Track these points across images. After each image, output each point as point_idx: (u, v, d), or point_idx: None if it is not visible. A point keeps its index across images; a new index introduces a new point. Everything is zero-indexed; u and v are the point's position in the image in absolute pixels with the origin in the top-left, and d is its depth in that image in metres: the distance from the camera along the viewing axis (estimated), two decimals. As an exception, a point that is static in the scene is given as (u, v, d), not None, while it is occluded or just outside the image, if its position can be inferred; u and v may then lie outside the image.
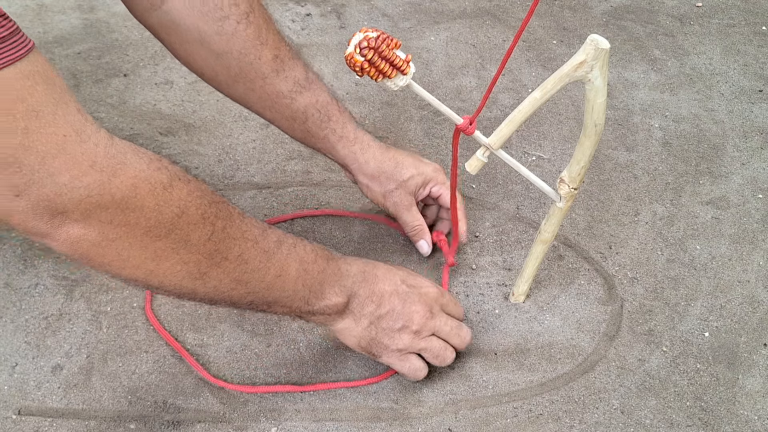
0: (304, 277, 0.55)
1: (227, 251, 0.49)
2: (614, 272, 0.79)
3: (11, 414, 0.63)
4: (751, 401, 0.69)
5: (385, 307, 0.59)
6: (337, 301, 0.57)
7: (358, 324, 0.59)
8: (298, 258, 0.54)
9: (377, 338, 0.60)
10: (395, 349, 0.61)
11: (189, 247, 0.47)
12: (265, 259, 0.51)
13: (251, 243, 0.50)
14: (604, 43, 0.50)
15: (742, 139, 0.98)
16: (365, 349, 0.61)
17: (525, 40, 1.12)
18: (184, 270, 0.47)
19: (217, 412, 0.65)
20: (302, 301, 0.55)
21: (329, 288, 0.57)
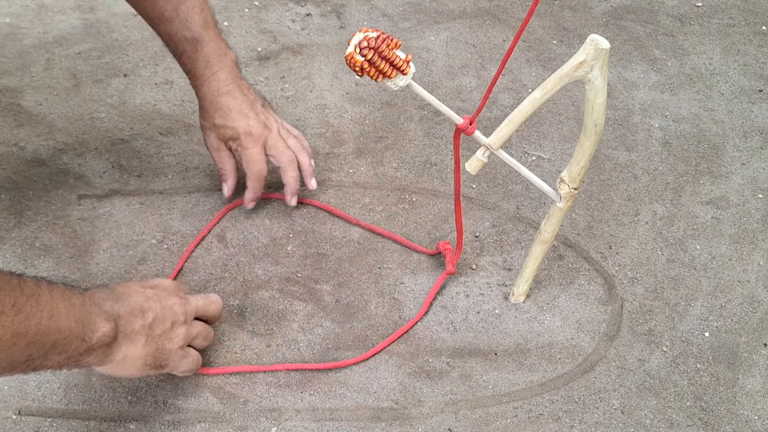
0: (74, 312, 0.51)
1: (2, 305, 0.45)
2: (614, 272, 0.79)
3: (11, 414, 0.63)
4: (751, 401, 0.69)
5: (148, 314, 0.57)
6: (108, 328, 0.53)
7: (136, 343, 0.56)
8: (60, 294, 0.51)
9: (159, 346, 0.58)
10: (177, 348, 0.59)
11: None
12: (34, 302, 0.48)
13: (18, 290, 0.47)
14: (604, 43, 0.50)
15: (742, 139, 0.98)
16: (153, 365, 0.58)
17: (525, 40, 1.12)
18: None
19: (217, 412, 0.65)
20: (78, 339, 0.51)
21: (97, 317, 0.53)
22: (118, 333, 0.55)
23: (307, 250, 0.79)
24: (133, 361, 0.56)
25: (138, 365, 0.57)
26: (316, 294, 0.75)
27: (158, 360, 0.58)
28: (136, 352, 0.56)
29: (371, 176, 0.88)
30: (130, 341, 0.56)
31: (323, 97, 0.98)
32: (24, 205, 0.79)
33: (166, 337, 0.59)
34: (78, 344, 0.51)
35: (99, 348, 0.53)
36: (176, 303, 0.60)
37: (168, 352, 0.59)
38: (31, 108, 0.91)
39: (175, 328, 0.59)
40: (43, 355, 0.49)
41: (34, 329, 0.47)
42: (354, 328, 0.72)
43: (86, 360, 0.53)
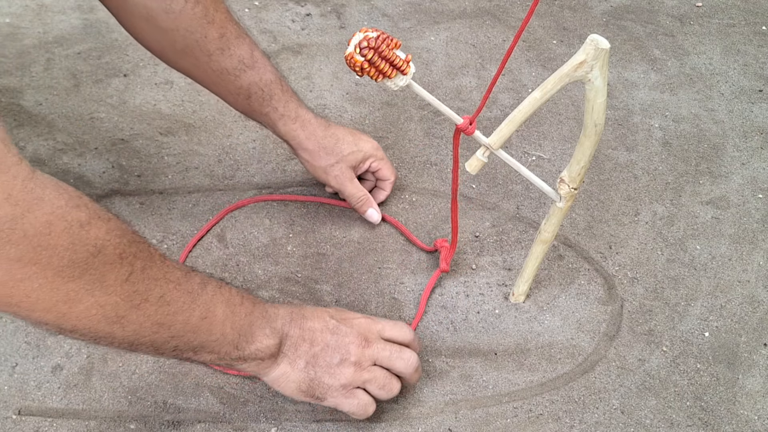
0: (232, 319, 0.52)
1: (147, 292, 0.46)
2: (614, 272, 0.80)
3: (11, 414, 0.63)
4: (751, 401, 0.69)
5: (318, 344, 0.57)
6: (268, 344, 0.54)
7: (295, 366, 0.56)
8: (224, 299, 0.52)
9: (317, 378, 0.57)
10: (339, 386, 0.58)
11: (105, 288, 0.44)
12: (189, 300, 0.49)
13: (173, 284, 0.48)
14: (604, 43, 0.50)
15: (742, 139, 0.98)
16: (307, 393, 0.57)
17: (525, 40, 1.12)
18: (100, 313, 0.44)
19: (217, 412, 0.65)
20: (231, 346, 0.52)
21: (259, 330, 0.54)
22: (279, 352, 0.56)
23: (307, 250, 0.79)
24: (288, 382, 0.57)
25: (291, 388, 0.57)
26: (316, 294, 0.75)
27: (313, 390, 0.57)
28: (292, 375, 0.56)
29: (371, 176, 0.88)
30: (290, 363, 0.56)
31: (323, 97, 0.98)
32: (24, 205, 0.79)
33: (328, 372, 0.57)
34: (229, 350, 0.52)
35: (253, 360, 0.54)
36: (354, 342, 0.58)
37: (326, 387, 0.57)
38: (31, 108, 0.91)
39: (342, 366, 0.57)
40: (191, 350, 0.51)
41: (179, 325, 0.48)
42: (354, 328, 0.72)
43: (241, 366, 0.55)
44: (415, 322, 0.72)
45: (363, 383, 0.59)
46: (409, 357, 0.61)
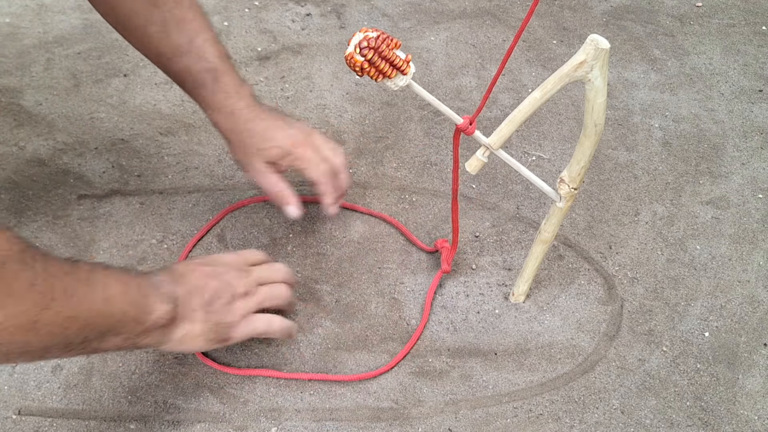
0: (129, 294, 0.53)
1: (52, 291, 0.46)
2: (614, 272, 0.79)
3: (11, 414, 0.63)
4: (751, 401, 0.69)
5: (207, 291, 0.59)
6: (166, 308, 0.55)
7: (194, 320, 0.58)
8: (114, 279, 0.52)
9: (219, 320, 0.59)
10: (239, 318, 0.61)
11: (15, 299, 0.44)
12: (87, 287, 0.50)
13: (69, 276, 0.49)
14: (604, 43, 0.50)
15: (742, 139, 0.98)
16: (215, 339, 0.60)
17: (525, 40, 1.12)
18: (14, 324, 0.44)
19: (217, 412, 0.65)
20: (134, 321, 0.53)
21: (153, 298, 0.55)
22: (176, 314, 0.57)
23: (307, 250, 0.79)
24: (194, 337, 0.58)
25: (200, 342, 0.59)
26: (316, 294, 0.75)
27: (220, 334, 0.60)
28: (195, 329, 0.58)
29: (371, 176, 0.88)
30: (189, 320, 0.58)
31: (323, 97, 0.98)
32: (24, 205, 0.79)
33: (226, 311, 0.60)
34: (133, 326, 0.53)
35: (155, 329, 0.55)
36: (234, 276, 0.62)
37: (229, 325, 0.60)
38: (31, 108, 0.91)
39: (234, 301, 0.61)
40: (99, 337, 0.51)
41: (86, 313, 0.49)
42: (354, 328, 0.72)
43: (144, 341, 0.55)
44: (421, 326, 0.72)
45: (258, 305, 0.63)
46: (280, 267, 0.68)
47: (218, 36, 0.72)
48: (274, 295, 0.65)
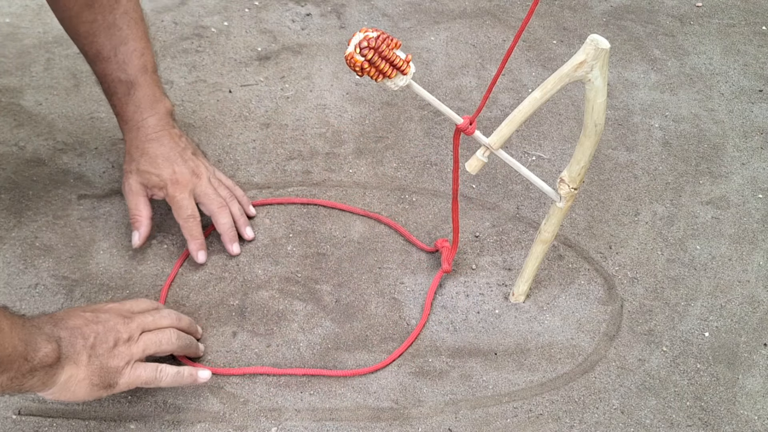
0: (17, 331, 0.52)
1: None
2: (614, 272, 0.80)
3: (11, 414, 0.63)
4: (751, 401, 0.69)
5: (89, 336, 0.57)
6: (51, 347, 0.54)
7: (79, 363, 0.56)
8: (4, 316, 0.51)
9: (103, 364, 0.57)
10: (124, 365, 0.59)
11: None
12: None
13: None
14: (604, 43, 0.50)
15: (742, 139, 0.98)
16: (100, 384, 0.57)
17: (525, 40, 1.12)
18: None
19: (217, 412, 0.65)
20: (22, 358, 0.51)
21: (39, 337, 0.54)
22: (60, 354, 0.54)
23: (307, 250, 0.79)
24: (78, 382, 0.56)
25: (84, 386, 0.56)
26: (316, 294, 0.75)
27: (105, 378, 0.57)
28: (79, 373, 0.56)
29: (371, 176, 0.88)
30: (73, 362, 0.55)
31: (323, 97, 0.98)
32: (24, 205, 0.79)
33: (110, 355, 0.58)
34: (21, 363, 0.51)
35: (41, 368, 0.53)
36: (118, 323, 0.60)
37: (114, 370, 0.58)
38: (31, 108, 0.91)
39: (118, 346, 0.58)
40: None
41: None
42: (354, 328, 0.72)
43: (29, 383, 0.53)
44: (420, 325, 0.72)
45: (143, 353, 0.60)
46: (167, 313, 0.65)
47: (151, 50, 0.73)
48: (161, 342, 0.62)
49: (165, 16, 1.08)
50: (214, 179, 0.76)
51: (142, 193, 0.73)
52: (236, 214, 0.76)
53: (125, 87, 0.71)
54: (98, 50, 0.70)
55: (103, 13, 0.68)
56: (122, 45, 0.70)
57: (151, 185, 0.73)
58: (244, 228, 0.77)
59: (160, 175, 0.72)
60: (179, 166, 0.73)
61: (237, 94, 0.97)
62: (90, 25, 0.68)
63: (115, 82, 0.71)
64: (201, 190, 0.74)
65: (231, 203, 0.76)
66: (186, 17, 1.08)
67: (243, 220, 0.77)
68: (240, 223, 0.77)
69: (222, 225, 0.75)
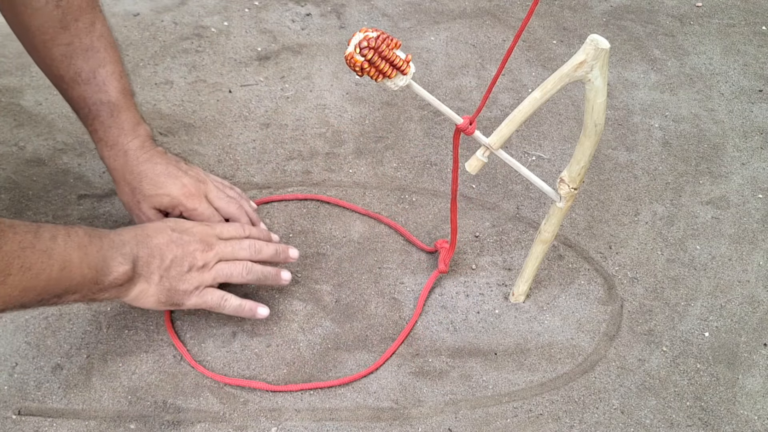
0: (87, 260, 0.56)
1: (9, 268, 0.49)
2: (614, 272, 0.80)
3: (11, 414, 0.63)
4: (751, 401, 0.69)
5: (167, 257, 0.62)
6: (124, 270, 0.59)
7: (150, 282, 0.61)
8: (75, 245, 0.55)
9: (173, 287, 0.62)
10: (192, 289, 0.64)
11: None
12: (46, 258, 0.52)
13: (29, 250, 0.51)
14: (604, 43, 0.50)
15: (742, 139, 0.98)
16: (166, 302, 0.63)
17: (525, 40, 1.12)
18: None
19: (217, 412, 0.65)
20: (92, 282, 0.56)
21: (112, 261, 0.58)
22: (134, 273, 0.60)
23: (307, 250, 0.79)
24: (147, 297, 0.62)
25: (151, 302, 0.62)
26: (316, 294, 0.75)
27: (171, 298, 0.63)
28: (150, 290, 0.61)
29: (371, 176, 0.88)
30: (146, 280, 0.61)
31: (323, 97, 0.98)
32: (24, 205, 0.79)
33: (181, 279, 0.63)
34: (90, 286, 0.57)
35: (113, 287, 0.59)
36: (198, 249, 0.64)
37: (182, 293, 0.63)
38: (31, 108, 0.91)
39: (191, 272, 0.63)
40: (56, 297, 0.55)
41: (43, 283, 0.53)
42: (354, 328, 0.72)
43: (102, 296, 0.59)
44: (411, 323, 0.72)
45: (213, 280, 0.65)
46: (249, 244, 0.67)
47: (127, 75, 0.71)
48: (231, 274, 0.66)
49: (165, 16, 1.08)
50: (216, 181, 0.76)
51: (159, 217, 0.70)
52: (249, 211, 0.76)
53: (108, 109, 0.69)
54: (77, 72, 0.68)
55: (79, 36, 0.67)
56: (101, 67, 0.68)
57: (164, 206, 0.70)
58: (258, 224, 0.77)
59: (170, 194, 0.69)
60: (185, 179, 0.71)
61: (237, 94, 0.97)
62: (66, 47, 0.67)
63: (96, 104, 0.69)
64: (213, 194, 0.72)
65: (242, 202, 0.76)
66: (186, 17, 1.08)
67: (255, 216, 0.77)
68: (254, 219, 0.76)
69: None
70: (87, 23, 0.68)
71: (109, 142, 0.70)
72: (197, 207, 0.70)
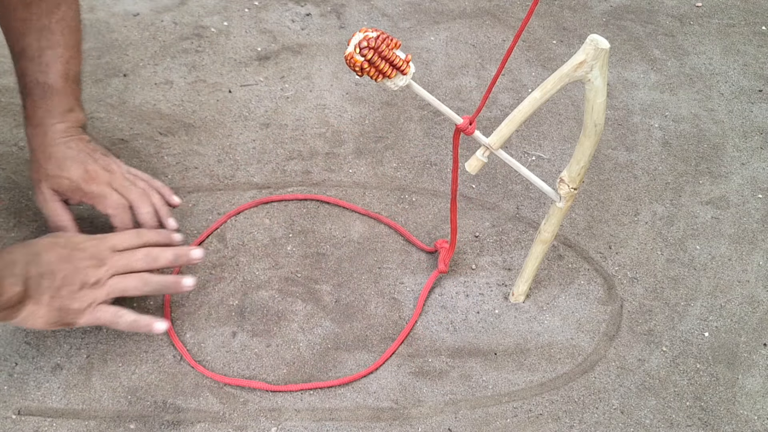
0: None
1: None
2: (614, 272, 0.80)
3: (11, 414, 0.63)
4: (751, 401, 0.69)
5: (58, 276, 0.60)
6: (16, 291, 0.57)
7: (40, 303, 0.59)
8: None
9: (64, 306, 0.60)
10: (85, 307, 0.61)
11: None
12: None
13: None
14: (604, 43, 0.50)
15: (742, 139, 0.98)
16: (57, 322, 0.60)
17: (525, 40, 1.12)
18: None
19: (217, 412, 0.65)
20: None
21: (5, 281, 0.56)
22: (25, 295, 0.58)
23: (307, 250, 0.79)
24: (36, 318, 0.59)
25: (41, 322, 0.60)
26: (316, 294, 0.75)
27: (63, 318, 0.60)
28: (39, 311, 0.59)
29: (371, 176, 0.88)
30: (35, 302, 0.59)
31: (323, 97, 0.98)
32: (24, 205, 0.79)
33: (72, 298, 0.60)
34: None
35: (4, 309, 0.57)
36: (89, 265, 0.61)
37: (74, 312, 0.61)
38: (31, 108, 0.91)
39: (83, 289, 0.61)
40: None
41: None
42: (354, 328, 0.72)
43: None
44: (411, 323, 0.72)
45: (107, 296, 0.62)
46: (145, 254, 0.65)
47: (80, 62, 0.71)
48: (123, 287, 0.63)
49: (165, 16, 1.08)
50: (130, 175, 0.74)
51: (56, 199, 0.70)
52: (157, 204, 0.73)
53: (42, 90, 0.69)
54: (23, 48, 0.68)
55: (38, 15, 0.67)
56: (50, 49, 0.68)
57: (63, 189, 0.69)
58: (166, 218, 0.73)
59: (71, 177, 0.68)
60: (91, 165, 0.70)
61: (237, 94, 0.97)
62: (22, 23, 0.67)
63: (33, 83, 0.69)
64: (118, 183, 0.71)
65: (151, 193, 0.73)
66: (186, 17, 1.08)
67: (165, 210, 0.74)
68: (162, 213, 0.73)
69: (143, 215, 0.71)
70: (51, 5, 0.68)
71: (34, 121, 0.70)
72: (95, 189, 0.69)
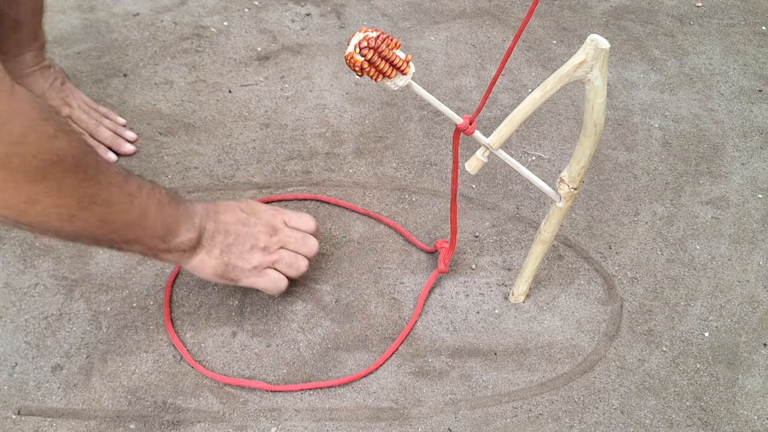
0: (162, 216, 0.59)
1: (96, 196, 0.53)
2: (614, 272, 0.80)
3: (11, 414, 0.63)
4: (750, 401, 0.69)
5: (231, 234, 0.65)
6: (190, 237, 0.62)
7: (211, 255, 0.64)
8: (156, 200, 0.59)
9: (231, 263, 0.65)
10: (251, 268, 0.66)
11: (61, 192, 0.50)
12: (128, 201, 0.56)
13: (117, 188, 0.55)
14: (604, 43, 0.50)
15: (742, 139, 0.98)
16: (222, 276, 0.65)
17: (525, 40, 1.12)
18: (55, 212, 0.51)
19: (217, 412, 0.65)
20: (159, 239, 0.60)
21: (182, 226, 0.61)
22: (198, 244, 0.63)
23: (307, 250, 0.79)
24: (205, 268, 0.64)
25: (208, 273, 0.65)
26: (316, 294, 0.75)
27: (228, 273, 0.65)
28: (209, 262, 0.64)
29: (371, 176, 0.88)
30: (207, 252, 0.64)
31: (323, 97, 0.98)
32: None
33: (240, 257, 0.65)
34: (157, 243, 0.60)
35: (177, 251, 0.62)
36: (262, 231, 0.67)
37: (239, 270, 0.66)
38: (31, 108, 0.91)
39: (252, 252, 0.66)
40: (125, 242, 0.58)
41: (119, 222, 0.56)
42: (354, 328, 0.72)
43: (165, 256, 0.62)
44: (411, 323, 0.72)
45: (272, 263, 0.67)
46: (312, 244, 0.70)
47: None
48: (291, 264, 0.68)
49: (165, 16, 1.08)
50: (85, 105, 0.83)
51: None
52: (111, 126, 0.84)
53: (12, 25, 0.76)
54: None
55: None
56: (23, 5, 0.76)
57: None
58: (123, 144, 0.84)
59: None
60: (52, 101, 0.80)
61: (237, 94, 0.97)
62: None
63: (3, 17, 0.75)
64: (76, 116, 0.81)
65: (102, 121, 0.83)
66: (186, 17, 1.08)
67: (121, 128, 0.85)
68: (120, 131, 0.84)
69: (105, 139, 0.82)
70: None
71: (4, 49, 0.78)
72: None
